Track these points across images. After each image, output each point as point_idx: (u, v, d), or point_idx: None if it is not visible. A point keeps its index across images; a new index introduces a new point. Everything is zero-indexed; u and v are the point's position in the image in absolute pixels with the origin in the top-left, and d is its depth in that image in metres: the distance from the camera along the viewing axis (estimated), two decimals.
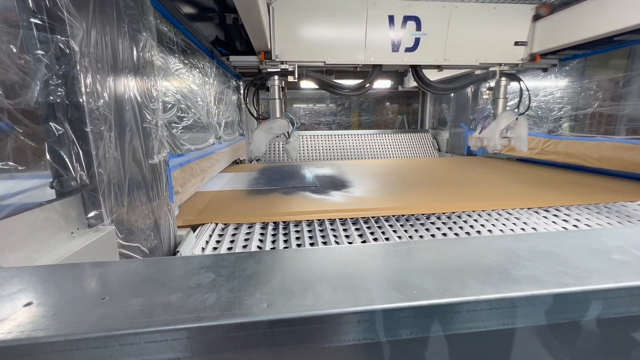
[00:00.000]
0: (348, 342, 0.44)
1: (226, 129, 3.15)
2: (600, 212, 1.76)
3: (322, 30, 2.21)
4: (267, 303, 0.44)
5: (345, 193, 2.22)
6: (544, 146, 3.21)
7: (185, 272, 0.53)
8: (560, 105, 3.09)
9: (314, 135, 4.90)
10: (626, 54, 2.53)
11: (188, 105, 2.08)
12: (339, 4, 2.17)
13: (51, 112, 0.80)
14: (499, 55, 2.43)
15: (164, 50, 1.75)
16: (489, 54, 2.41)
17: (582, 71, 2.91)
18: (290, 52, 2.19)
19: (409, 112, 5.56)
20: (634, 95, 2.47)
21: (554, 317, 0.47)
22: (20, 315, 0.42)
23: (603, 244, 0.61)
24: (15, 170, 0.73)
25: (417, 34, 2.28)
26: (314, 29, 2.20)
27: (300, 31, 2.17)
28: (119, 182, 0.97)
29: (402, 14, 2.23)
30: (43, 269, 0.57)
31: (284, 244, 1.44)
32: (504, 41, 2.39)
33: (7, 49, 0.71)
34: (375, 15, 2.20)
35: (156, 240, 1.20)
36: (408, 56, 2.33)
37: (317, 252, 0.63)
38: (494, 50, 2.40)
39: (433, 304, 0.44)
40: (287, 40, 2.16)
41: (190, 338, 0.41)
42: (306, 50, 2.21)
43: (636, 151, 2.37)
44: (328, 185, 2.48)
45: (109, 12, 0.97)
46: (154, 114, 1.23)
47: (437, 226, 1.60)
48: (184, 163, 1.88)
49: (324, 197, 2.12)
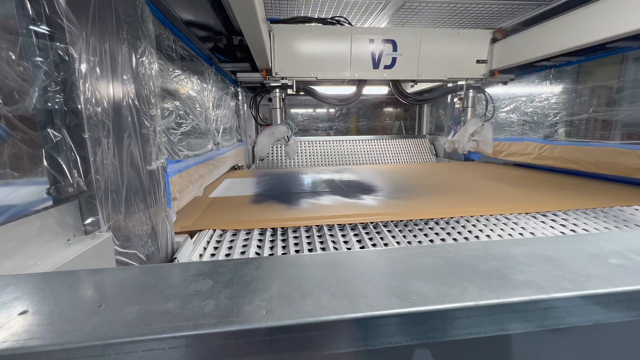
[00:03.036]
0: (347, 349, 0.44)
1: (224, 134, 3.15)
2: (598, 217, 1.77)
3: (314, 51, 2.64)
4: (265, 310, 0.44)
5: (341, 199, 2.22)
6: (540, 151, 3.23)
7: (183, 279, 0.53)
8: (556, 111, 3.13)
9: (313, 140, 4.92)
10: (619, 60, 2.57)
11: (186, 112, 2.09)
12: (327, 29, 2.64)
13: (49, 119, 0.80)
14: (464, 71, 2.87)
15: (163, 56, 1.76)
16: (456, 70, 2.85)
17: (576, 77, 2.96)
18: (288, 70, 2.63)
19: (406, 117, 5.59)
20: (627, 101, 2.51)
21: (552, 322, 0.47)
22: (15, 323, 0.42)
23: (601, 249, 0.61)
24: (11, 177, 0.72)
25: (394, 54, 2.74)
26: (307, 50, 2.63)
27: (296, 52, 2.60)
28: (117, 188, 0.97)
29: (381, 37, 2.67)
30: (39, 277, 0.57)
31: (282, 250, 1.43)
32: (467, 59, 2.84)
33: (6, 56, 0.71)
34: (358, 38, 2.65)
35: (153, 247, 1.19)
36: (387, 72, 2.79)
37: (315, 258, 0.63)
38: (460, 67, 2.85)
39: (432, 309, 0.44)
40: (285, 59, 2.59)
41: (188, 346, 0.40)
42: (301, 67, 2.64)
43: (631, 156, 2.39)
44: (324, 191, 2.48)
45: (108, 19, 0.97)
46: (152, 120, 1.23)
47: (435, 231, 1.60)
48: (182, 169, 1.88)
49: (321, 202, 2.12)
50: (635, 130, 2.47)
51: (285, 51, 2.58)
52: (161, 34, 1.76)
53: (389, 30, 2.73)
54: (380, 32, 2.69)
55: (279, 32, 2.54)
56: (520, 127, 3.54)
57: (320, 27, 2.65)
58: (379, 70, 2.77)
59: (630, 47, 2.42)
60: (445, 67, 2.84)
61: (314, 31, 2.62)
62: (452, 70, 2.86)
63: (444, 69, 2.85)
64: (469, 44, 2.82)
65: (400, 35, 2.72)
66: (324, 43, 2.64)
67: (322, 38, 2.63)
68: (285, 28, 2.55)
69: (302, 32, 2.59)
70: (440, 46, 2.79)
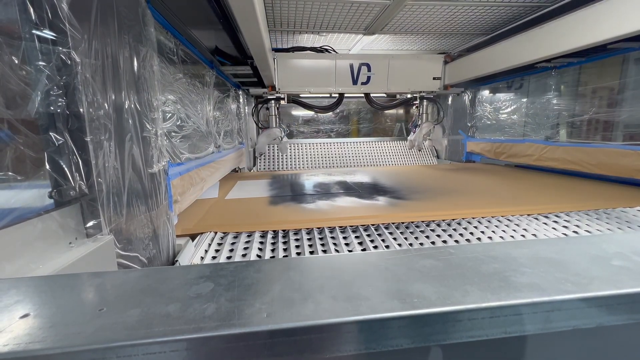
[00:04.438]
0: (349, 352, 0.43)
1: (225, 137, 3.16)
2: (600, 218, 1.76)
3: (307, 72, 3.66)
4: (266, 313, 0.44)
5: (345, 200, 2.22)
6: (542, 153, 3.23)
7: (184, 282, 0.53)
8: (557, 113, 3.12)
9: (313, 143, 4.92)
10: (620, 61, 2.57)
11: (187, 114, 2.09)
12: (318, 56, 3.66)
13: (51, 122, 0.80)
14: (423, 86, 3.92)
15: (164, 60, 1.77)
16: (417, 85, 3.90)
17: (577, 78, 2.96)
18: (287, 86, 3.69)
19: (407, 119, 5.59)
20: (629, 102, 2.50)
21: (555, 325, 0.47)
22: (17, 327, 0.42)
23: (603, 250, 0.61)
24: (14, 180, 0.73)
25: (369, 74, 3.76)
26: (302, 71, 3.65)
27: (294, 72, 3.63)
28: (118, 191, 0.97)
29: (359, 61, 3.71)
30: (40, 280, 0.57)
31: (283, 252, 1.43)
32: (426, 77, 3.88)
33: (9, 60, 0.71)
34: (341, 63, 3.70)
35: (155, 250, 1.19)
36: (364, 87, 3.84)
37: (316, 261, 0.63)
38: (420, 82, 3.89)
39: (434, 312, 0.44)
40: (285, 78, 3.64)
41: (189, 349, 0.40)
42: (297, 84, 3.68)
43: (633, 157, 2.38)
44: (326, 193, 2.48)
45: (110, 23, 0.98)
46: (153, 123, 1.24)
47: (437, 233, 1.60)
48: (184, 172, 1.88)
49: (326, 205, 2.11)
50: (637, 131, 2.46)
51: (285, 72, 3.58)
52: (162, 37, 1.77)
53: (365, 56, 3.72)
54: (358, 58, 3.69)
55: (281, 58, 3.52)
56: (522, 128, 3.53)
57: (312, 54, 3.60)
58: (357, 86, 3.77)
59: (632, 48, 2.42)
60: (408, 82, 3.83)
61: (307, 57, 3.61)
62: (414, 85, 3.86)
63: (407, 84, 3.84)
64: (426, 64, 3.80)
65: (374, 59, 3.71)
66: (315, 66, 3.64)
67: (313, 62, 3.63)
68: (286, 55, 3.53)
69: (299, 58, 3.59)
70: (404, 66, 3.75)
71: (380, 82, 3.76)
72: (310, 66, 3.61)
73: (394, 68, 3.71)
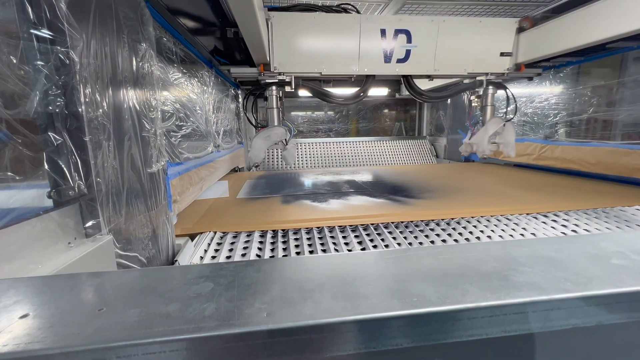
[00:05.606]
0: (349, 351, 0.43)
1: (225, 137, 3.15)
2: (599, 217, 1.76)
3: (318, 43, 2.30)
4: (266, 312, 0.44)
5: (343, 201, 2.22)
6: (540, 152, 3.23)
7: (184, 282, 0.53)
8: (556, 111, 3.12)
9: (312, 142, 4.92)
10: (618, 60, 2.57)
11: (187, 114, 2.09)
12: (333, 18, 2.28)
13: (50, 122, 0.80)
14: (486, 66, 2.53)
15: (163, 59, 1.77)
16: (477, 64, 2.51)
17: (576, 78, 2.96)
18: (288, 64, 2.28)
19: (406, 119, 5.59)
20: (628, 101, 2.50)
21: (554, 324, 0.47)
22: (16, 327, 0.42)
23: (602, 249, 0.61)
24: (13, 180, 0.72)
25: (408, 46, 2.40)
26: (310, 41, 2.29)
27: (297, 44, 2.26)
28: (117, 191, 0.97)
29: (393, 27, 2.34)
30: (39, 280, 0.57)
31: (283, 252, 1.43)
32: (490, 52, 2.50)
33: (7, 59, 0.71)
34: (368, 28, 2.30)
35: (154, 250, 1.19)
36: (400, 67, 2.44)
37: (316, 260, 0.63)
38: (481, 60, 2.51)
39: (434, 311, 0.44)
40: (285, 52, 2.25)
41: (189, 349, 0.40)
42: (303, 61, 2.30)
43: (632, 156, 2.39)
44: (326, 193, 2.48)
45: (109, 23, 0.98)
46: (152, 122, 1.23)
47: (436, 232, 1.60)
48: (183, 171, 1.88)
49: (321, 205, 2.11)
50: (635, 130, 2.47)
51: (285, 43, 2.23)
52: (161, 37, 1.77)
53: (403, 19, 2.35)
54: (393, 21, 2.34)
55: (278, 21, 2.18)
56: (521, 127, 3.54)
57: (324, 15, 2.27)
58: (391, 65, 2.41)
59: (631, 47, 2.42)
60: (465, 60, 2.49)
61: (317, 20, 2.25)
62: (473, 64, 2.50)
63: (464, 62, 2.49)
64: (492, 33, 2.46)
65: (415, 25, 2.36)
66: (329, 34, 2.29)
67: (327, 28, 2.27)
68: (285, 17, 2.19)
69: (305, 22, 2.24)
70: (459, 36, 2.43)
71: (424, 58, 2.44)
72: (322, 34, 2.29)
73: (445, 38, 2.42)
